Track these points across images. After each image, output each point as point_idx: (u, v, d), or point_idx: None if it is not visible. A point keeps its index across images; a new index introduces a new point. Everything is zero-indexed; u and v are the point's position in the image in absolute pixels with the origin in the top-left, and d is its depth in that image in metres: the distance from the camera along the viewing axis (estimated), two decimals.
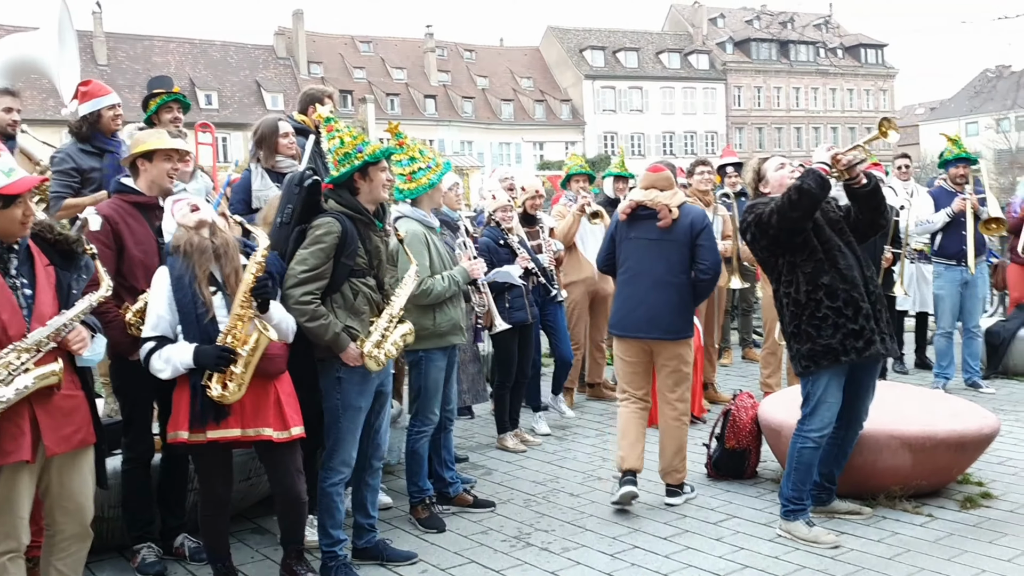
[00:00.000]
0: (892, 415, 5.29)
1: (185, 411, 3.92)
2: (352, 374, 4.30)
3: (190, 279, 3.94)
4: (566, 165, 8.55)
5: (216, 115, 52.01)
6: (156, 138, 4.55)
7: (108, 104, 5.41)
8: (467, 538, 4.93)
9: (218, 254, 4.02)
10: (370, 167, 4.35)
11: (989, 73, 17.13)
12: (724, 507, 5.30)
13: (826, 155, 4.64)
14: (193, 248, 3.98)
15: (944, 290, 8.20)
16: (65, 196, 5.26)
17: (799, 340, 4.71)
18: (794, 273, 4.72)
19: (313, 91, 5.98)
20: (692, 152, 59.66)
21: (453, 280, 5.13)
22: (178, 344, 3.93)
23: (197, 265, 3.96)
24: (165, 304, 3.96)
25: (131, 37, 55.11)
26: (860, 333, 4.61)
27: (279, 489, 4.16)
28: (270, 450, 4.07)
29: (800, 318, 4.69)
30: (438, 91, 59.65)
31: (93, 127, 5.37)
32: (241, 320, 3.93)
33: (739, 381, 8.68)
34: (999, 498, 5.27)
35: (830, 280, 4.63)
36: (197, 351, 3.88)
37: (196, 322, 3.93)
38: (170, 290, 3.95)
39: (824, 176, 4.56)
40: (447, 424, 5.41)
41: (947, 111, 70.74)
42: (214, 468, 4.08)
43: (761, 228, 4.73)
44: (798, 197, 4.53)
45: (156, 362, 3.92)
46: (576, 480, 5.91)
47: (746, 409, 5.85)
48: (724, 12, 69.58)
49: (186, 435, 3.91)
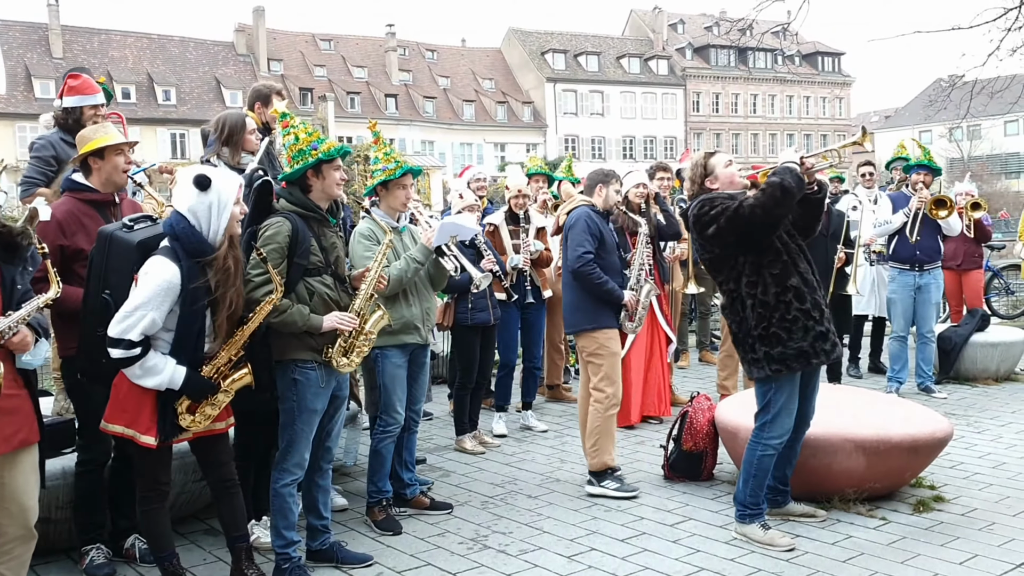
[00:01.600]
0: (847, 418, 5.34)
1: (150, 415, 3.78)
2: (309, 376, 4.26)
3: (208, 302, 3.79)
4: (524, 166, 8.58)
5: (174, 111, 51.47)
6: (103, 134, 4.41)
7: (91, 104, 5.32)
8: (424, 540, 4.89)
9: (234, 278, 3.89)
10: (324, 164, 4.29)
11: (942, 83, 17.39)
12: (681, 509, 5.31)
13: (794, 156, 4.65)
14: (225, 276, 3.79)
15: (897, 294, 8.31)
16: (39, 183, 5.16)
17: (768, 343, 4.63)
18: (759, 274, 4.64)
19: (261, 88, 5.90)
20: (652, 156, 60.03)
21: (411, 260, 5.01)
22: (168, 361, 3.74)
23: (222, 297, 3.79)
24: (166, 308, 3.71)
25: (87, 30, 54.19)
26: (827, 336, 4.64)
27: (216, 475, 4.09)
28: (210, 441, 4.02)
29: (769, 320, 4.61)
30: (399, 90, 59.43)
31: (78, 122, 5.28)
32: (231, 356, 3.89)
33: (696, 383, 8.73)
34: (951, 502, 5.33)
35: (797, 282, 4.62)
36: (189, 379, 3.77)
37: (193, 346, 3.81)
38: (176, 296, 3.70)
39: (801, 176, 4.57)
40: (412, 425, 5.36)
41: (901, 119, 71.97)
42: (160, 461, 3.96)
43: (734, 223, 4.57)
44: (782, 195, 4.48)
45: (136, 369, 3.71)
46: (534, 482, 5.89)
47: (703, 411, 5.88)
48: (684, 18, 70.17)
49: (154, 441, 3.78)
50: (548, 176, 8.33)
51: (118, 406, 3.82)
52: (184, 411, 3.83)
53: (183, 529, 4.96)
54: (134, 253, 3.82)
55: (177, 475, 4.70)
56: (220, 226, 3.81)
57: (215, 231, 3.80)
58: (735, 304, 4.77)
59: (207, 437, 4.01)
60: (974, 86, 15.35)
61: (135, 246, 3.84)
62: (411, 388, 5.26)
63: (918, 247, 8.11)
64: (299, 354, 4.25)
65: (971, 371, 8.88)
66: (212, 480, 4.13)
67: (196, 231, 3.77)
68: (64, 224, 4.25)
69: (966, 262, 9.44)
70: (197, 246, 3.75)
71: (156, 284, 3.66)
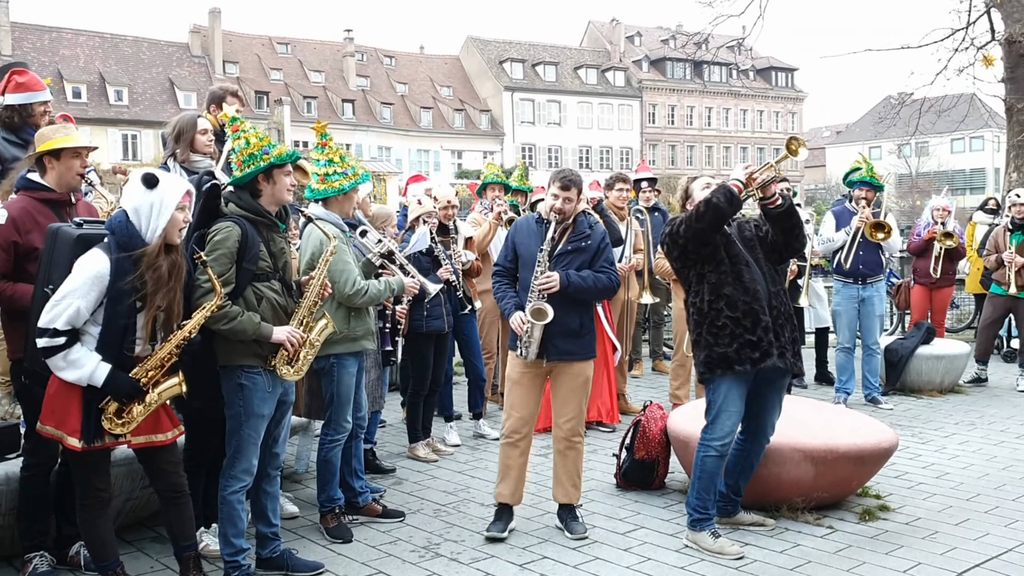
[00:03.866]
0: (796, 428, 5.41)
1: (75, 416, 3.72)
2: (255, 381, 4.22)
3: (132, 304, 3.72)
4: (482, 174, 8.59)
5: (126, 111, 50.71)
6: (63, 135, 4.38)
7: (40, 100, 5.23)
8: (375, 548, 4.86)
9: (171, 283, 3.83)
10: (275, 169, 4.26)
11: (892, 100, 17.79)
12: (632, 517, 5.35)
13: (742, 173, 4.75)
14: (155, 277, 3.73)
15: (842, 307, 8.48)
16: None
17: (698, 348, 4.88)
18: (700, 284, 4.85)
19: (216, 90, 5.86)
20: (608, 167, 60.47)
21: (389, 287, 5.09)
22: (92, 355, 3.70)
23: (151, 298, 3.74)
24: (93, 298, 3.67)
25: (38, 28, 53.24)
26: (757, 344, 4.72)
27: (164, 485, 4.01)
28: (155, 450, 3.95)
29: (701, 326, 4.83)
30: (356, 96, 59.19)
31: (24, 119, 5.18)
32: (164, 363, 3.83)
33: (649, 392, 8.79)
34: (896, 511, 5.43)
35: (731, 291, 4.75)
36: (112, 377, 3.70)
37: (119, 343, 3.75)
38: (104, 288, 3.67)
39: (734, 191, 4.67)
40: (357, 432, 5.34)
41: (852, 135, 73.28)
42: (96, 468, 3.89)
43: (672, 238, 4.88)
44: (704, 209, 4.68)
45: (59, 360, 3.67)
46: (487, 490, 5.88)
47: (655, 420, 5.93)
48: (641, 31, 70.81)
49: (79, 444, 3.71)
50: (505, 185, 8.33)
51: (48, 406, 3.77)
52: (112, 413, 3.75)
53: (130, 536, 4.88)
54: (74, 248, 3.80)
55: (124, 482, 4.64)
56: (158, 226, 3.77)
57: (152, 230, 3.77)
58: (687, 312, 5.00)
59: (150, 448, 3.93)
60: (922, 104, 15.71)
61: (75, 240, 3.83)
62: (356, 396, 5.24)
63: (861, 261, 8.30)
64: (244, 359, 4.21)
65: (916, 383, 9.05)
66: (159, 489, 4.05)
67: (132, 226, 3.75)
68: (19, 221, 4.21)
69: (941, 279, 9.67)
70: (128, 240, 3.73)
71: (85, 273, 3.67)
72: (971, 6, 14.16)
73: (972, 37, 14.22)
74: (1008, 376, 9.89)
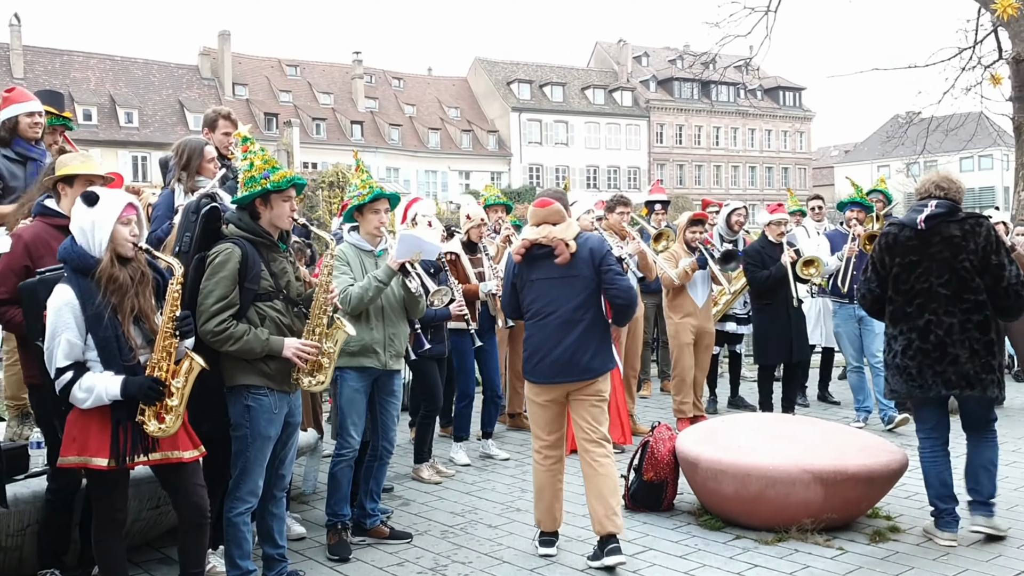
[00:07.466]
0: (804, 449, 5.38)
1: (98, 438, 3.74)
2: (261, 402, 4.22)
3: (111, 317, 3.75)
4: (482, 196, 8.61)
5: (136, 134, 51.02)
6: (80, 162, 4.48)
7: (26, 111, 5.27)
8: (382, 570, 4.84)
9: (137, 288, 3.85)
10: (272, 195, 4.27)
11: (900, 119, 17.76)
12: (641, 539, 5.31)
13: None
14: (117, 287, 3.76)
15: (841, 327, 8.49)
16: None
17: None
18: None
19: (209, 113, 5.92)
20: (615, 186, 60.53)
21: (373, 279, 5.04)
22: (102, 375, 3.73)
23: (120, 305, 3.77)
24: (75, 330, 3.72)
25: (50, 51, 53.75)
26: None
27: (189, 507, 3.98)
28: (177, 470, 3.94)
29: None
30: (365, 117, 59.48)
31: (12, 133, 5.23)
32: (167, 352, 3.82)
33: (658, 413, 8.76)
34: (906, 532, 5.39)
35: None
36: (126, 382, 3.72)
37: (119, 357, 3.76)
38: (80, 316, 3.72)
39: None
40: (384, 455, 5.32)
41: (860, 154, 73.14)
42: (116, 489, 3.91)
43: None
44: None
45: (78, 392, 3.70)
46: (495, 511, 5.86)
47: (664, 441, 5.89)
48: (648, 51, 71.06)
49: (105, 463, 3.72)
50: (506, 206, 8.36)
51: (68, 437, 3.80)
52: (151, 418, 3.77)
53: (137, 558, 4.88)
54: (40, 293, 3.88)
55: (132, 503, 4.62)
56: (102, 239, 3.79)
57: (99, 244, 3.79)
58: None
59: (174, 467, 3.92)
60: (930, 123, 15.71)
61: (37, 286, 3.94)
62: (383, 417, 5.23)
63: (855, 280, 8.29)
64: (250, 379, 4.21)
65: None
66: (184, 511, 4.01)
67: (79, 247, 3.80)
68: (31, 246, 4.29)
69: None
70: (80, 261, 3.77)
71: (56, 309, 3.72)
72: (978, 25, 14.20)
73: (979, 56, 14.26)
74: (1020, 396, 9.83)
